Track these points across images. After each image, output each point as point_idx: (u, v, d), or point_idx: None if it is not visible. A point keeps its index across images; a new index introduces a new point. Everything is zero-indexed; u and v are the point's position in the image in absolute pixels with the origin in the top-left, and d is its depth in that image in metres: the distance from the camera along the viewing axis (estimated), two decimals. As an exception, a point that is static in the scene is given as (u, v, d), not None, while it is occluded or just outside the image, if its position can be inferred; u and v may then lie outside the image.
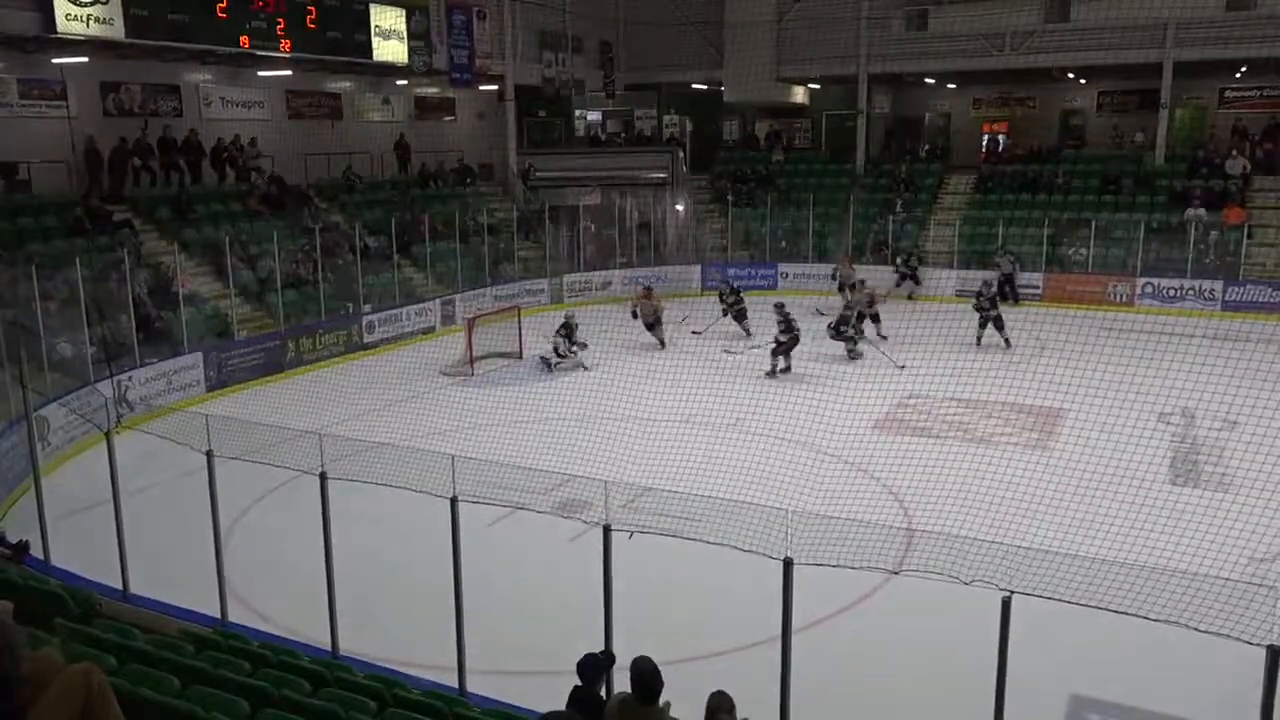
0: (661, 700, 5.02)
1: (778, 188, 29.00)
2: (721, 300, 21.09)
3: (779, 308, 17.66)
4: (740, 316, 20.61)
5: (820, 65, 29.23)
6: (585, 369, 17.91)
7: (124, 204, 19.12)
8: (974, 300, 19.45)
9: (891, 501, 11.08)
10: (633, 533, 6.28)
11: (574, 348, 18.03)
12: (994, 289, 19.99)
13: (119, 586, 8.24)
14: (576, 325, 18.18)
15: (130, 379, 15.09)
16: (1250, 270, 23.01)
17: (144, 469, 10.77)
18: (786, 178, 29.69)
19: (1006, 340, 18.83)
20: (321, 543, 7.21)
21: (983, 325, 19.06)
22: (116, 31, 16.61)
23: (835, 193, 28.29)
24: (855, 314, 18.88)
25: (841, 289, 22.59)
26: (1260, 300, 22.18)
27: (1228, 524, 8.84)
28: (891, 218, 26.56)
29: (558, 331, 18.07)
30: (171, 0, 17.31)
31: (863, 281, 20.99)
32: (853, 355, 18.33)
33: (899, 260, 24.91)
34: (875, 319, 19.55)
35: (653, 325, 19.91)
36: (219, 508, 7.80)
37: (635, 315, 19.94)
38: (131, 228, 18.49)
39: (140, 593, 8.32)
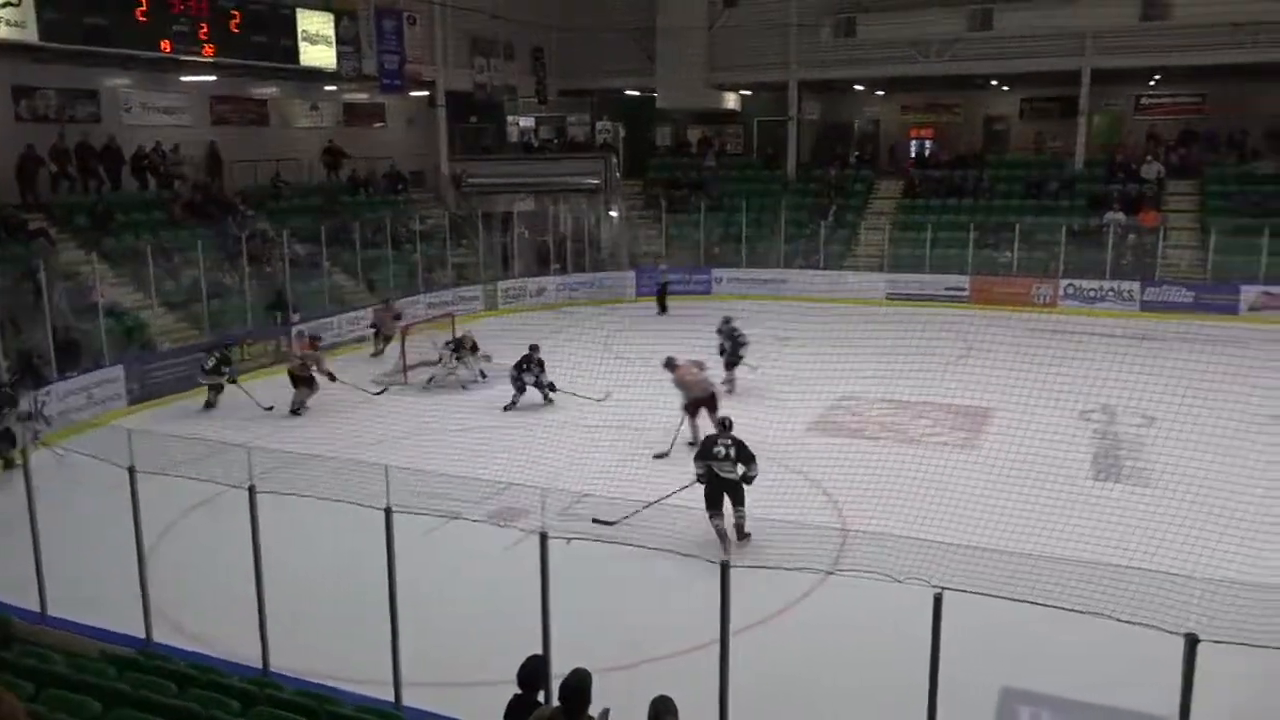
0: (599, 709, 5.00)
1: (710, 193, 29.20)
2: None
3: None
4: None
5: (751, 71, 29.61)
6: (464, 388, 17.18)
7: (39, 212, 18.53)
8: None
9: (826, 503, 11.20)
10: (570, 540, 6.25)
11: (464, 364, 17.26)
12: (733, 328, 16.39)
13: (36, 609, 7.95)
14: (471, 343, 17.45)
15: (48, 394, 14.58)
16: (1166, 271, 23.82)
17: (63, 486, 10.43)
18: (719, 183, 29.92)
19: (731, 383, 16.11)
20: (251, 558, 7.04)
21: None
22: (29, 34, 16.05)
23: (767, 198, 28.59)
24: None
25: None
26: (1176, 300, 22.98)
27: (1148, 517, 9.12)
28: (823, 223, 26.91)
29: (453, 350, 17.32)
30: (88, 3, 16.82)
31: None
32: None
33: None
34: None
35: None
36: (142, 525, 7.57)
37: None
38: (48, 237, 17.92)
39: (59, 614, 8.03)
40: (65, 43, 16.80)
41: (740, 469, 10.05)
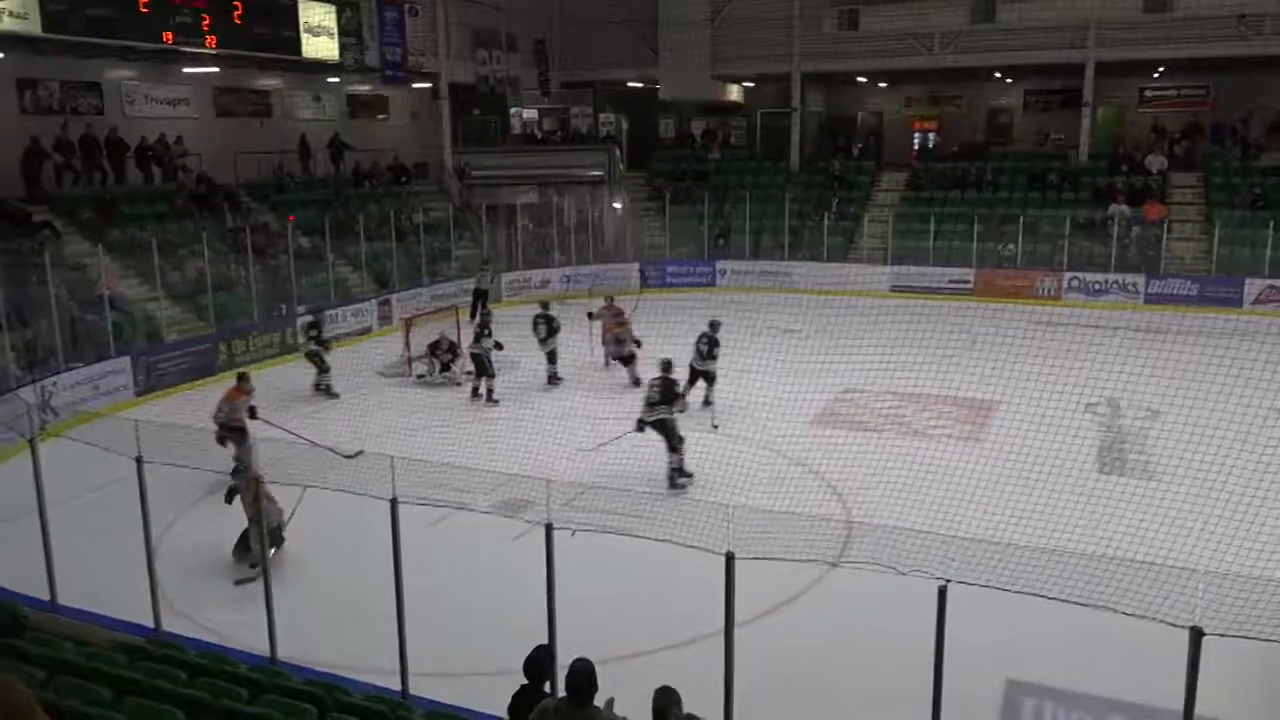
0: (604, 699, 5.02)
1: (714, 185, 29.17)
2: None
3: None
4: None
5: (754, 64, 29.53)
6: (459, 385, 16.97)
7: (44, 205, 18.54)
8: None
9: (830, 495, 11.23)
10: (575, 531, 6.27)
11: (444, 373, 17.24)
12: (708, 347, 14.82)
13: (46, 598, 8.00)
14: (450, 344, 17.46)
15: (55, 384, 14.63)
16: (1171, 264, 23.78)
17: (71, 477, 10.45)
18: (722, 175, 29.89)
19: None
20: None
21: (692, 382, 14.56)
22: (33, 26, 16.06)
23: (771, 190, 28.54)
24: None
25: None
26: (1180, 293, 22.91)
27: (1153, 510, 9.14)
28: (827, 215, 26.88)
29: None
30: (91, -5, 16.80)
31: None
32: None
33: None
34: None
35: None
36: (150, 515, 7.61)
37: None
38: (53, 229, 17.93)
39: (69, 604, 8.08)
40: (68, 34, 16.79)
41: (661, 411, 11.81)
